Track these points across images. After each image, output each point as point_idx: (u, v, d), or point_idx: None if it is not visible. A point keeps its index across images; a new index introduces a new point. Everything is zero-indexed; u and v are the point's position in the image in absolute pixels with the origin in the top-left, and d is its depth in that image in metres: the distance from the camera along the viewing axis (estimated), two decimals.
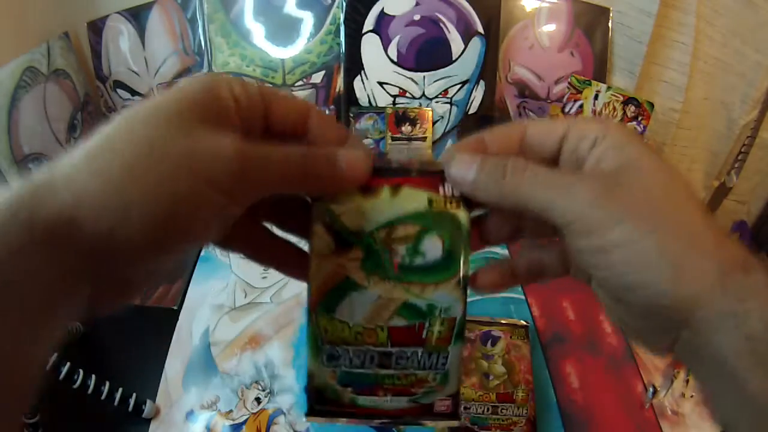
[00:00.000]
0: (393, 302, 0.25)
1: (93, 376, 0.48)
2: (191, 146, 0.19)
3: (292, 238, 0.27)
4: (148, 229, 0.18)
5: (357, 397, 0.26)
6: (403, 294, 0.25)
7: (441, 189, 0.25)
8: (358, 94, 0.82)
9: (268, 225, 0.27)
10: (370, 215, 0.25)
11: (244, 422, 0.50)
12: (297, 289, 0.61)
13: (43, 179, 0.18)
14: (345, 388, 0.26)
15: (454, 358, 0.26)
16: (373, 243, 0.25)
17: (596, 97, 0.72)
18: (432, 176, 0.25)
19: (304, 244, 0.26)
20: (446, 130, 0.84)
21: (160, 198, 0.18)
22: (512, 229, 0.26)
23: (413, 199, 0.25)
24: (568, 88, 0.73)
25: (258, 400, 0.52)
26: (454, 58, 0.80)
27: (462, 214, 0.25)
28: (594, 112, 0.72)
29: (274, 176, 0.21)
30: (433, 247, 0.25)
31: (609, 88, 0.71)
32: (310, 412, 0.26)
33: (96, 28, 0.78)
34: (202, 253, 0.66)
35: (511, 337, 0.55)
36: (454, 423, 0.27)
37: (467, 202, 0.25)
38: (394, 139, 0.83)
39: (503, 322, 0.57)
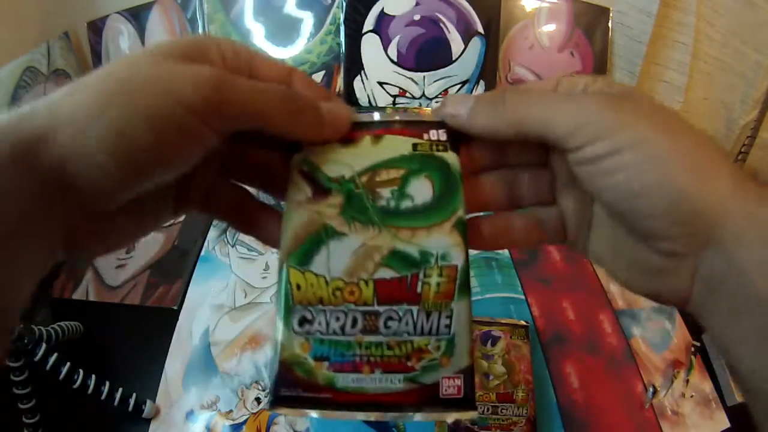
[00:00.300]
0: (378, 250, 0.21)
1: (93, 376, 0.48)
2: (169, 69, 0.18)
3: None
4: (111, 144, 0.17)
5: (336, 376, 0.20)
6: (390, 240, 0.21)
7: (426, 136, 0.23)
8: (358, 94, 0.82)
9: (251, 190, 0.26)
10: (351, 161, 0.23)
11: (244, 422, 0.50)
12: None
13: (29, 104, 0.18)
14: (320, 362, 0.20)
15: (460, 319, 0.21)
16: (354, 188, 0.22)
17: None
18: (416, 126, 0.24)
19: None
20: None
21: (128, 112, 0.17)
22: (507, 187, 0.26)
23: (396, 145, 0.23)
24: None
25: (258, 400, 0.52)
26: (454, 58, 0.80)
27: (450, 156, 0.23)
28: None
29: (253, 106, 0.20)
30: (422, 190, 0.22)
31: None
32: (275, 401, 0.20)
33: (96, 28, 0.78)
34: (202, 253, 0.66)
35: (511, 337, 0.55)
36: (470, 414, 0.20)
37: (455, 147, 0.23)
38: None
39: (503, 322, 0.57)
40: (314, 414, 0.20)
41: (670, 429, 0.51)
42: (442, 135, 0.23)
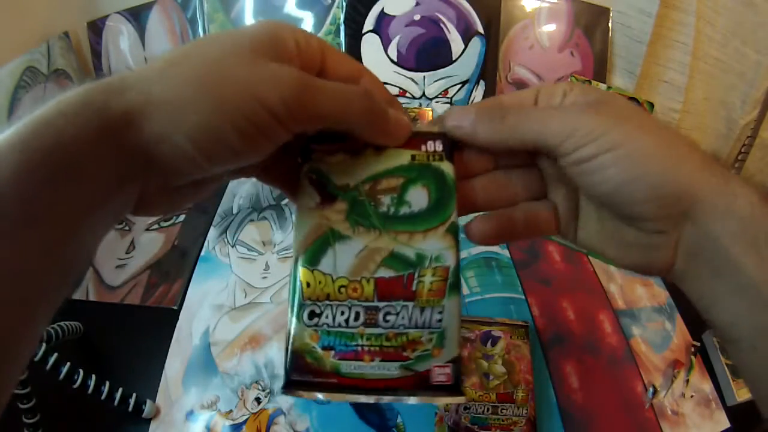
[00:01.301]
0: (379, 252, 0.24)
1: (93, 376, 0.48)
2: (255, 70, 0.20)
3: None
4: (199, 135, 0.19)
5: (340, 364, 0.23)
6: (389, 243, 0.24)
7: (423, 147, 0.25)
8: None
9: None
10: (355, 171, 0.25)
11: (244, 422, 0.50)
12: None
13: (117, 77, 0.19)
14: (327, 351, 0.23)
15: (450, 314, 0.23)
16: (358, 195, 0.24)
17: None
18: (414, 138, 0.26)
19: None
20: None
21: (217, 110, 0.19)
22: (501, 188, 0.28)
23: (396, 155, 0.25)
24: None
25: (258, 400, 0.52)
26: (454, 58, 0.80)
27: (446, 166, 0.25)
28: None
29: (330, 110, 0.22)
30: (418, 197, 0.24)
31: (609, 88, 0.71)
32: (288, 385, 0.23)
33: (96, 28, 0.78)
34: (202, 253, 0.66)
35: (511, 337, 0.55)
36: (458, 399, 0.23)
37: (450, 157, 0.25)
38: None
39: (503, 322, 0.57)
40: (322, 397, 0.23)
41: (670, 429, 0.51)
42: (438, 146, 0.25)
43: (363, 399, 0.23)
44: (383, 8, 0.78)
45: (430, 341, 0.23)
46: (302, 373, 0.23)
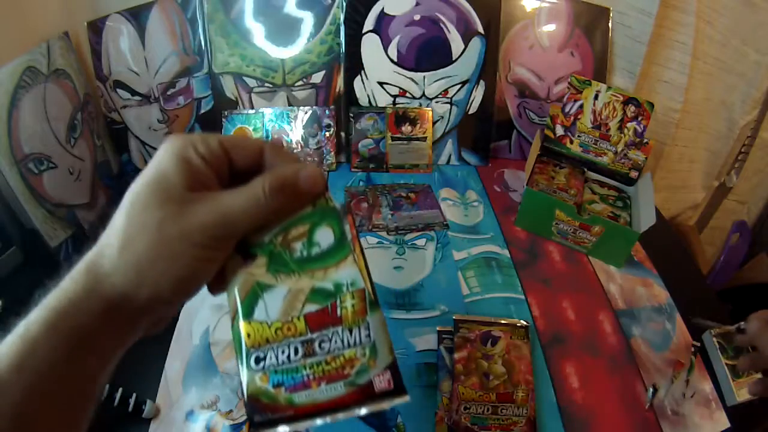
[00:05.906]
0: (302, 292, 0.27)
1: None
2: (186, 227, 0.25)
3: None
4: (175, 289, 0.26)
5: (292, 396, 0.25)
6: (309, 282, 0.27)
7: (324, 194, 0.29)
8: (358, 94, 0.82)
9: None
10: (267, 228, 0.28)
11: (244, 422, 0.50)
12: None
13: (95, 262, 0.25)
14: (278, 388, 0.25)
15: (376, 327, 0.26)
16: (274, 248, 0.28)
17: (596, 97, 0.72)
18: None
19: None
20: (446, 130, 0.84)
21: (179, 266, 0.25)
22: None
23: None
24: (568, 88, 0.73)
25: None
26: (454, 58, 0.80)
27: (337, 204, 0.29)
28: (594, 112, 0.72)
29: (247, 225, 0.27)
30: (325, 236, 0.28)
31: (609, 88, 0.71)
32: (253, 426, 0.25)
33: (96, 28, 0.78)
34: None
35: (511, 337, 0.55)
36: (403, 399, 0.25)
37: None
38: (394, 138, 0.83)
39: (503, 322, 0.57)
40: (285, 429, 0.25)
41: (670, 429, 0.51)
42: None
43: (320, 421, 0.25)
44: (383, 8, 0.78)
45: (364, 356, 0.26)
46: (262, 414, 0.25)
